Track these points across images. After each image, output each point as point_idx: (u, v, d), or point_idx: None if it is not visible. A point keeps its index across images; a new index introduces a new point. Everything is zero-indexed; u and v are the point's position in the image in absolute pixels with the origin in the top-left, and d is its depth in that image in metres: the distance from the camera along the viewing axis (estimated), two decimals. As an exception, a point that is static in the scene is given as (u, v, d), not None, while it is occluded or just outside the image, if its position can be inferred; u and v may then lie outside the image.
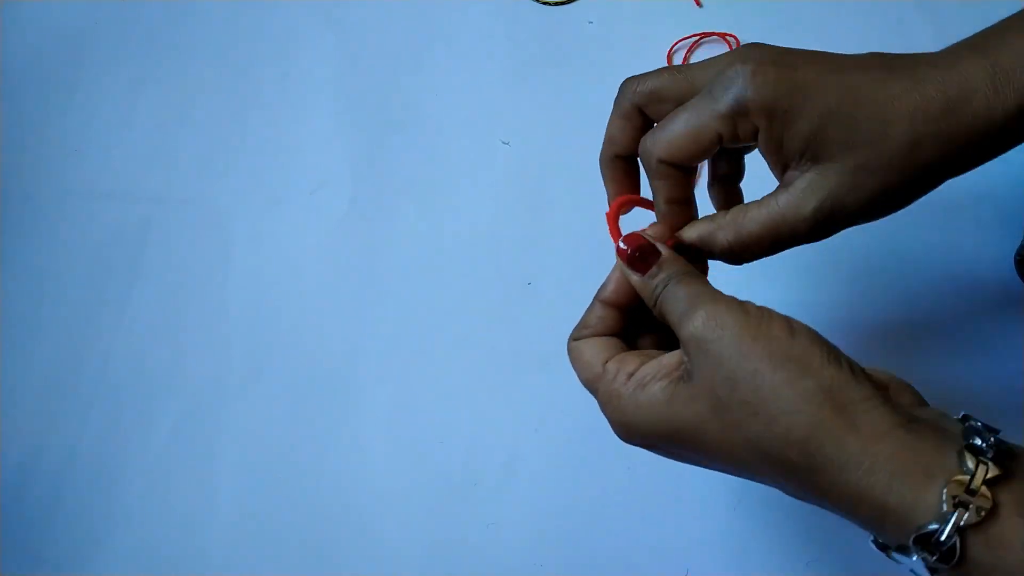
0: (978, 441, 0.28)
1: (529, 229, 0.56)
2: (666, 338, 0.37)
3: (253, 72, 0.63)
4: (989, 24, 0.36)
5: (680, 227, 0.38)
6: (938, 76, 0.33)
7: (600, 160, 0.40)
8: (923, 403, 0.33)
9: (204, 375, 0.53)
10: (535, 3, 0.64)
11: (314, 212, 0.57)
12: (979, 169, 0.55)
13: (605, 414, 0.35)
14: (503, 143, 0.59)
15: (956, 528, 0.26)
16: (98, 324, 0.54)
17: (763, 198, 0.36)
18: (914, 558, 0.27)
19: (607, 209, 0.39)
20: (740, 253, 0.37)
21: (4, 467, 0.51)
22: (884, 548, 0.29)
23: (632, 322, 0.37)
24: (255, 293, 0.55)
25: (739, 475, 0.33)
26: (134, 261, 0.56)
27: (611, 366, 0.34)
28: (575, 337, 0.37)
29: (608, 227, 0.38)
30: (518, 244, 0.55)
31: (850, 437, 0.28)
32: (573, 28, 0.63)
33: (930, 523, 0.26)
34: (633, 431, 0.33)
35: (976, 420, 0.29)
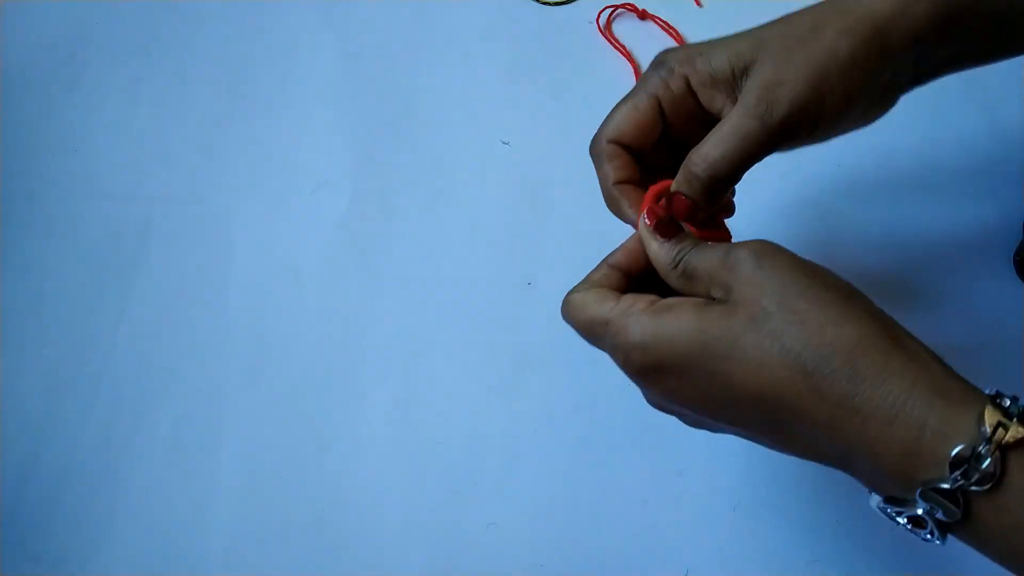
0: (1004, 401, 0.28)
1: (529, 229, 0.56)
2: None
3: (253, 72, 0.63)
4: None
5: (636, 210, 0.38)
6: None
7: (592, 144, 0.40)
8: None
9: (204, 375, 0.53)
10: (535, 3, 0.64)
11: (314, 212, 0.57)
12: (978, 170, 0.55)
13: (616, 342, 0.33)
14: (503, 143, 0.59)
15: (997, 446, 0.26)
16: (98, 324, 0.54)
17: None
18: (947, 485, 0.27)
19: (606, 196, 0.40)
20: (720, 181, 0.36)
21: (4, 467, 0.50)
22: (899, 502, 0.29)
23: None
24: (255, 293, 0.55)
25: (751, 409, 0.31)
26: (134, 261, 0.56)
27: (628, 298, 0.34)
28: (576, 290, 0.37)
29: (644, 199, 0.38)
30: (518, 244, 0.55)
31: (895, 352, 0.29)
32: (573, 28, 0.63)
33: (969, 442, 0.27)
34: (650, 351, 0.32)
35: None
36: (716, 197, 0.37)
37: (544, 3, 0.64)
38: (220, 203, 0.58)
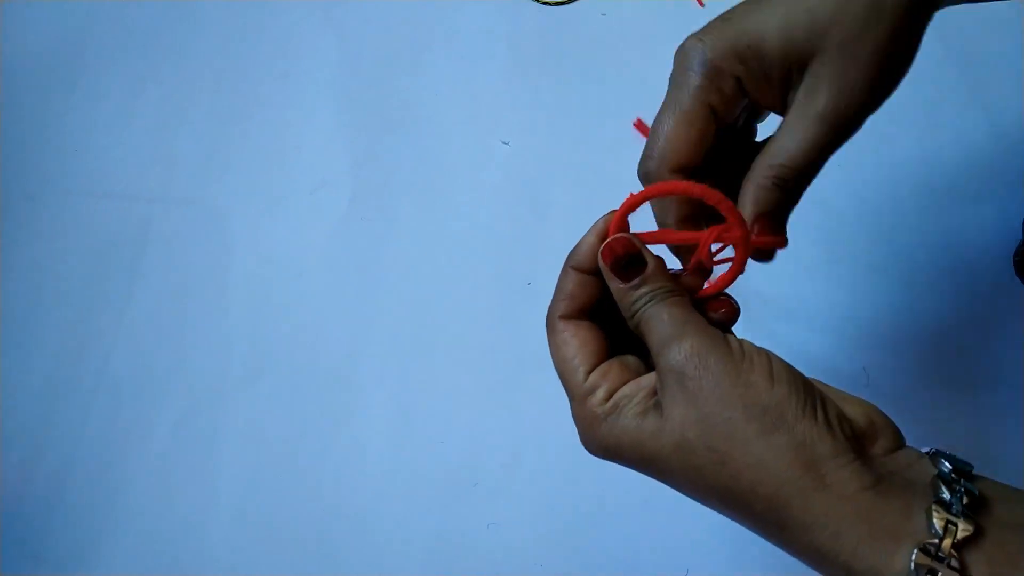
0: (946, 495, 0.27)
1: (529, 229, 0.56)
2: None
3: (253, 72, 0.63)
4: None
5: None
6: None
7: (650, 175, 0.36)
8: (902, 444, 0.31)
9: (204, 375, 0.53)
10: (535, 3, 0.64)
11: (314, 212, 0.57)
12: (978, 171, 0.55)
13: (576, 424, 0.34)
14: (503, 143, 0.59)
15: None
16: (98, 324, 0.54)
17: (776, 132, 0.34)
18: None
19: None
20: (790, 184, 0.34)
21: (4, 467, 0.51)
22: None
23: (610, 297, 0.35)
24: (255, 293, 0.55)
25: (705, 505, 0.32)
26: (134, 261, 0.56)
27: (591, 381, 0.33)
28: (561, 314, 0.35)
29: (613, 220, 0.34)
30: (518, 244, 0.55)
31: (817, 497, 0.27)
32: (573, 28, 0.63)
33: None
34: (602, 451, 0.33)
35: (947, 458, 0.28)
36: (791, 207, 0.35)
37: (544, 3, 0.64)
38: (220, 203, 0.58)
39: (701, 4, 0.63)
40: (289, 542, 0.48)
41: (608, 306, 0.35)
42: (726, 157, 0.36)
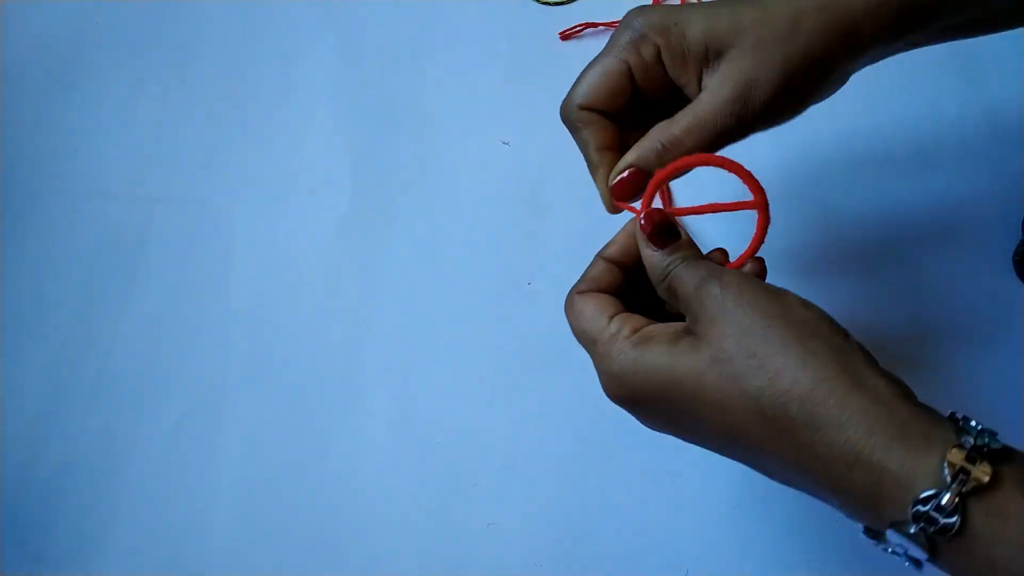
0: (973, 422, 0.28)
1: (529, 229, 0.56)
2: (659, 318, 0.37)
3: (253, 72, 0.63)
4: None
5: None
6: None
7: (562, 111, 0.40)
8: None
9: (204, 375, 0.53)
10: (535, 3, 0.64)
11: (314, 212, 0.57)
12: (978, 169, 0.55)
13: (600, 366, 0.35)
14: (503, 143, 0.59)
15: (958, 494, 0.26)
16: (98, 324, 0.54)
17: (684, 109, 0.37)
18: (912, 529, 0.27)
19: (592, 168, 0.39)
20: (674, 153, 0.37)
21: (4, 467, 0.51)
22: (875, 534, 0.29)
23: (630, 290, 0.37)
24: (255, 293, 0.55)
25: (725, 444, 0.32)
26: (134, 261, 0.56)
27: (617, 320, 0.35)
28: (578, 290, 0.37)
29: (647, 191, 0.37)
30: (518, 244, 0.55)
31: (854, 395, 0.28)
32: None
33: (930, 489, 0.26)
34: (626, 383, 0.33)
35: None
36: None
37: (544, 3, 0.64)
38: (220, 203, 0.58)
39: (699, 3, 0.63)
40: (289, 542, 0.48)
41: (626, 297, 0.37)
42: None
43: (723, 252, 0.38)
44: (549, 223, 0.56)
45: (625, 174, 0.37)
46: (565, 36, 0.61)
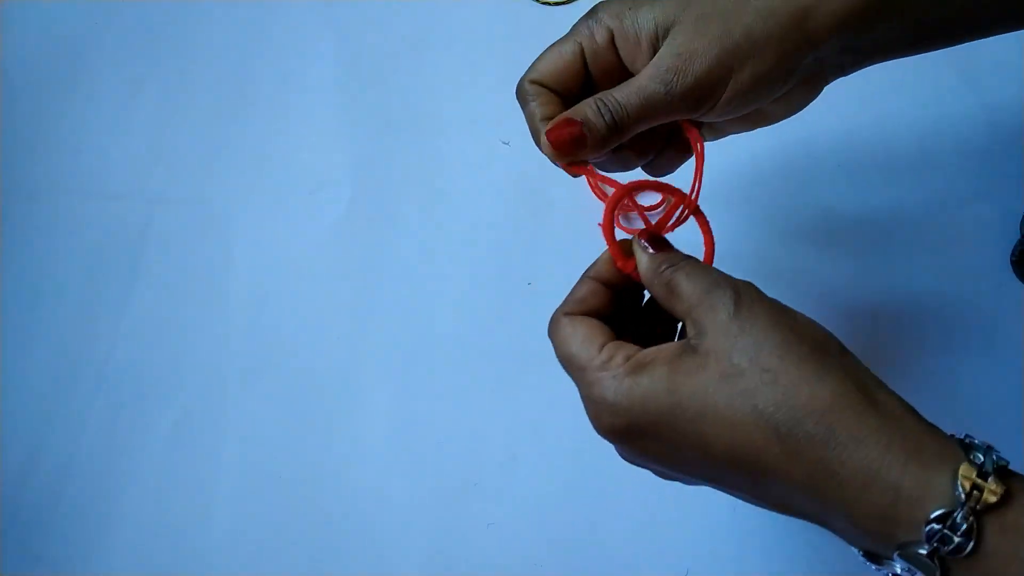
0: (976, 440, 0.28)
1: (529, 229, 0.56)
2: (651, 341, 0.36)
3: (253, 72, 0.63)
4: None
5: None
6: None
7: (518, 86, 0.41)
8: None
9: (204, 375, 0.53)
10: (535, 3, 0.64)
11: (314, 212, 0.57)
12: (977, 169, 0.55)
13: (589, 395, 0.32)
14: (503, 143, 0.59)
15: (972, 511, 0.25)
16: (98, 324, 0.54)
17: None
18: (924, 550, 0.26)
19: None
20: (619, 130, 0.37)
21: (4, 467, 0.51)
22: (875, 558, 0.29)
23: (618, 316, 0.36)
24: (255, 293, 0.55)
25: (727, 469, 0.30)
26: (134, 261, 0.56)
27: (609, 348, 0.33)
28: (566, 311, 0.35)
29: (604, 223, 0.37)
30: (518, 244, 0.55)
31: (871, 412, 0.28)
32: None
33: (944, 507, 0.26)
34: (621, 413, 0.31)
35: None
36: (610, 142, 0.38)
37: (544, 3, 0.64)
38: (220, 203, 0.58)
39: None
40: (289, 542, 0.48)
41: (614, 323, 0.35)
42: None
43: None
44: (549, 223, 0.56)
45: (559, 120, 0.38)
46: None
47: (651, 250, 0.34)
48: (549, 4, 0.64)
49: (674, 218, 0.38)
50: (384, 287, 0.55)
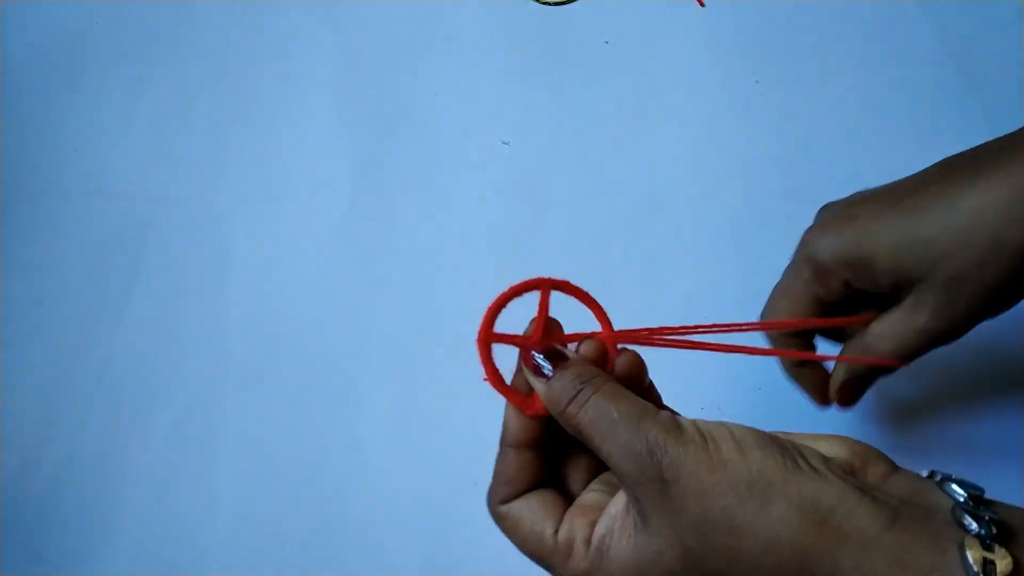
0: (973, 527, 0.26)
1: (529, 229, 0.56)
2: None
3: (253, 72, 0.63)
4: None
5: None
6: (1004, 160, 0.33)
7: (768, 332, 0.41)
8: (894, 468, 0.29)
9: (204, 375, 0.53)
10: (535, 3, 0.64)
11: (314, 212, 0.57)
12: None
13: None
14: (503, 143, 0.59)
15: None
16: (98, 324, 0.54)
17: (878, 322, 0.37)
18: None
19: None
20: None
21: (4, 467, 0.50)
22: None
23: (550, 441, 0.33)
24: (255, 293, 0.55)
25: None
26: (134, 261, 0.56)
27: (563, 537, 0.31)
28: (501, 499, 0.33)
29: (483, 318, 0.35)
30: (518, 244, 0.55)
31: (841, 552, 0.26)
32: (573, 29, 0.63)
33: None
34: None
35: (956, 483, 0.27)
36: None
37: (544, 3, 0.64)
38: (220, 203, 0.58)
39: (702, 4, 0.63)
40: (289, 542, 0.48)
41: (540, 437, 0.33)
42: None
43: (597, 341, 0.34)
44: (549, 223, 0.56)
45: (840, 384, 0.39)
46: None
47: (543, 377, 0.32)
48: (549, 4, 0.64)
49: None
50: (384, 287, 0.55)
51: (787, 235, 0.54)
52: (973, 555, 0.24)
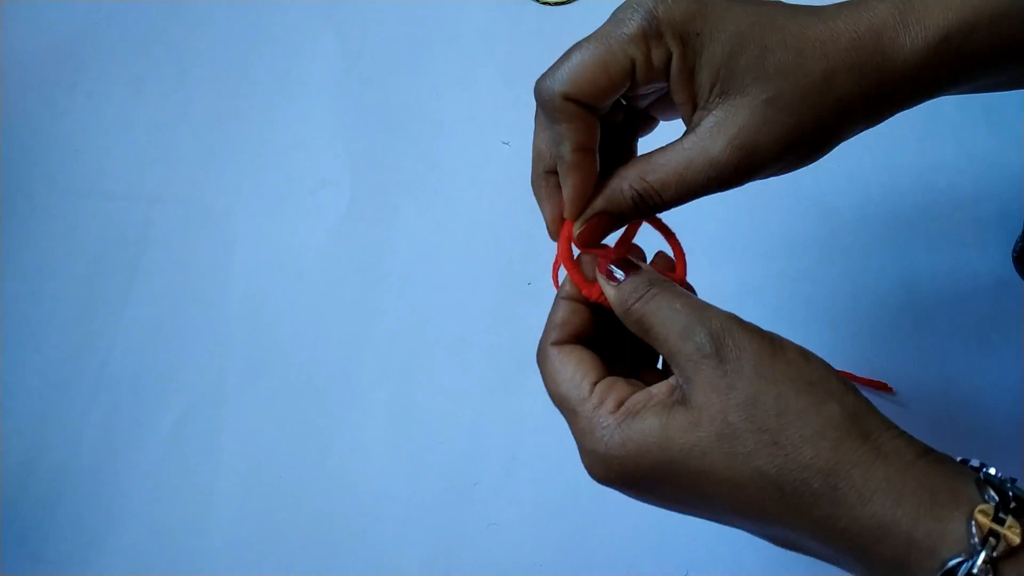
0: (993, 471, 0.27)
1: (529, 229, 0.56)
2: (641, 364, 0.35)
3: (253, 72, 0.63)
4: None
5: (589, 185, 0.34)
6: (846, 11, 0.32)
7: (532, 181, 0.36)
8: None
9: (204, 375, 0.53)
10: (535, 3, 0.64)
11: (314, 212, 0.57)
12: (978, 166, 0.55)
13: (582, 443, 0.31)
14: (503, 143, 0.59)
15: (989, 559, 0.25)
16: (97, 324, 0.54)
17: (670, 144, 0.33)
18: None
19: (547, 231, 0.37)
20: (649, 205, 0.33)
21: (4, 467, 0.51)
22: None
23: (603, 331, 0.34)
24: (255, 293, 0.55)
25: (734, 518, 0.30)
26: (134, 261, 0.56)
27: (600, 389, 0.31)
28: (553, 340, 0.33)
29: (559, 250, 0.35)
30: (518, 244, 0.55)
31: (878, 465, 0.27)
32: (573, 29, 0.63)
33: (959, 555, 0.25)
34: (614, 467, 0.30)
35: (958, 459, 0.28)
36: (638, 220, 0.35)
37: (544, 3, 0.64)
38: (220, 203, 0.58)
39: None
40: (289, 542, 0.48)
41: (599, 339, 0.34)
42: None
43: (664, 257, 0.35)
44: (549, 223, 0.56)
45: (598, 217, 0.34)
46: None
47: (614, 280, 0.32)
48: (549, 4, 0.64)
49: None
50: (384, 287, 0.55)
51: (787, 235, 0.54)
52: (980, 521, 0.25)
